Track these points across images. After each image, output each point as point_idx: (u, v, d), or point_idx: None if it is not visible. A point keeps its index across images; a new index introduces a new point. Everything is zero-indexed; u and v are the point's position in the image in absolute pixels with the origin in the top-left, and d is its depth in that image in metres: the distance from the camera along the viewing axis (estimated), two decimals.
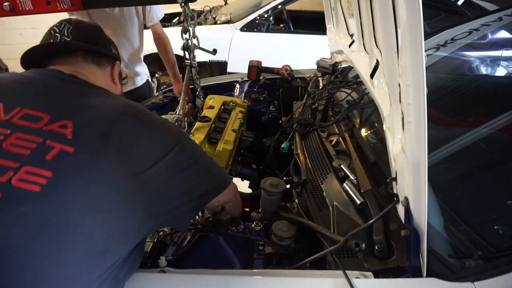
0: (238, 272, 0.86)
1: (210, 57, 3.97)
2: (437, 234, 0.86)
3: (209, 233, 0.98)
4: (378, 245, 0.83)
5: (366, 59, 1.36)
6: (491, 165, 1.15)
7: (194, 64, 1.75)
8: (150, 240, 0.96)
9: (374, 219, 0.86)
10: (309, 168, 1.26)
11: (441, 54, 1.71)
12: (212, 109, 1.67)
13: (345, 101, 1.62)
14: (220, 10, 4.86)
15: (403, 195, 0.81)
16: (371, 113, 1.51)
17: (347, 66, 1.96)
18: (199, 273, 0.80)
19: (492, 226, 0.93)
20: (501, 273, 0.73)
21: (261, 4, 4.31)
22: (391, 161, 0.93)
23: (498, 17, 1.79)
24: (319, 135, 1.42)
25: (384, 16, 0.90)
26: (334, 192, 1.08)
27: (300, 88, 2.14)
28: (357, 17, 1.40)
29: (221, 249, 0.95)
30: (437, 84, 1.49)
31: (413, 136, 0.74)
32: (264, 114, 1.88)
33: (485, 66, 1.71)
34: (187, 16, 1.56)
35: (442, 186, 1.06)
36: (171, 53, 2.15)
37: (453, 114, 1.38)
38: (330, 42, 2.10)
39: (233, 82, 2.22)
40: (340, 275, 0.76)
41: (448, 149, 1.15)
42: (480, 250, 0.78)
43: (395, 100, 0.90)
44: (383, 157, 1.12)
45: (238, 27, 4.16)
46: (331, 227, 0.95)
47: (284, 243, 0.96)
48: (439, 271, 0.75)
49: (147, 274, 0.82)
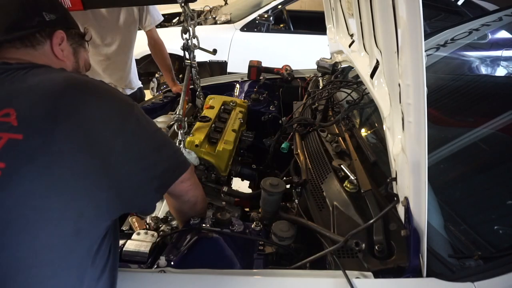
0: (238, 272, 0.86)
1: (210, 57, 3.97)
2: (437, 234, 0.86)
3: (209, 233, 0.98)
4: (378, 245, 0.83)
5: (366, 59, 1.36)
6: (491, 165, 1.15)
7: (194, 64, 1.75)
8: (150, 240, 0.97)
9: (374, 219, 0.86)
10: (309, 168, 1.26)
11: (441, 54, 1.71)
12: (212, 109, 1.67)
13: (345, 101, 1.63)
14: (220, 10, 4.86)
15: (403, 195, 0.81)
16: (371, 113, 1.51)
17: (347, 66, 1.96)
18: (199, 273, 0.80)
19: (492, 226, 0.93)
20: (501, 273, 0.73)
21: (261, 4, 4.31)
22: (391, 161, 0.93)
23: (498, 17, 1.79)
24: (319, 135, 1.42)
25: (384, 16, 0.90)
26: (334, 192, 1.08)
27: (300, 88, 2.14)
28: (357, 17, 1.40)
29: (221, 249, 0.95)
30: (437, 84, 1.49)
31: (413, 136, 0.74)
32: (264, 114, 1.88)
33: (485, 66, 1.71)
34: (187, 16, 1.56)
35: (442, 186, 1.06)
36: (167, 58, 2.15)
37: (453, 114, 1.38)
38: (330, 42, 2.10)
39: (233, 82, 2.22)
40: (340, 275, 0.76)
41: (448, 149, 1.15)
42: (480, 250, 0.78)
43: (395, 100, 0.90)
44: (383, 157, 1.12)
45: (238, 27, 4.16)
46: (331, 227, 0.95)
47: (284, 243, 0.96)
48: (439, 271, 0.75)
49: (147, 274, 0.82)
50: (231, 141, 1.50)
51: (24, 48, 0.83)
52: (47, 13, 0.87)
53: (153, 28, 2.10)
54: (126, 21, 1.98)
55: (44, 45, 0.86)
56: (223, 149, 1.44)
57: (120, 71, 2.12)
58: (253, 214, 1.13)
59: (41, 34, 0.85)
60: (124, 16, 1.96)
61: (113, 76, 2.10)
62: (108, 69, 2.07)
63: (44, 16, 0.86)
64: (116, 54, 2.03)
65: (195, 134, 1.44)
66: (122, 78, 2.14)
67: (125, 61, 2.11)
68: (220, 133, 1.54)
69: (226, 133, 1.55)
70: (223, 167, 1.44)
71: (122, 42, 2.02)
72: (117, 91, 0.82)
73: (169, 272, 0.81)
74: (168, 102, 2.02)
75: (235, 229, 1.03)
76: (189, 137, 1.40)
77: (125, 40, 2.03)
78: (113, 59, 2.04)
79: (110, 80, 2.09)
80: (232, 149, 1.50)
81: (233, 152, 1.54)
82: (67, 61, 0.92)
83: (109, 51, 2.00)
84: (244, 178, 1.73)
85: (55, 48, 0.88)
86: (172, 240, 1.00)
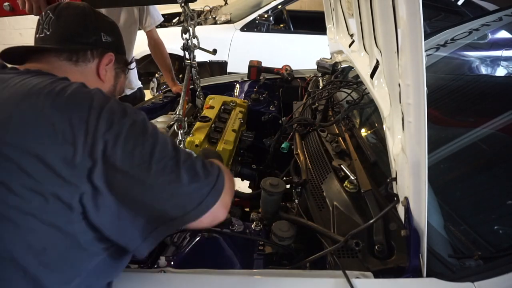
0: (238, 272, 0.86)
1: (210, 57, 3.97)
2: (437, 234, 0.86)
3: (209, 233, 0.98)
4: (378, 245, 0.83)
5: (366, 59, 1.36)
6: (491, 165, 1.15)
7: (194, 64, 1.75)
8: None
9: (374, 219, 0.86)
10: (309, 168, 1.26)
11: (441, 54, 1.71)
12: (212, 109, 1.67)
13: (345, 101, 1.63)
14: (220, 10, 4.86)
15: (403, 195, 0.81)
16: (371, 113, 1.51)
17: (347, 66, 1.96)
18: (199, 273, 0.80)
19: (492, 226, 0.93)
20: (501, 273, 0.73)
21: (261, 4, 4.31)
22: (391, 161, 0.93)
23: (498, 17, 1.79)
24: (319, 135, 1.42)
25: (384, 16, 0.90)
26: (334, 192, 1.08)
27: (300, 88, 2.14)
28: (357, 17, 1.40)
29: (221, 249, 0.95)
30: (437, 84, 1.49)
31: (413, 136, 0.74)
32: (264, 114, 1.88)
33: (485, 66, 1.71)
34: (187, 16, 1.56)
35: (442, 186, 1.06)
36: (167, 58, 2.15)
37: (453, 114, 1.38)
38: (330, 42, 2.10)
39: (233, 82, 2.22)
40: (340, 275, 0.76)
41: (448, 149, 1.15)
42: (480, 250, 0.78)
43: (395, 100, 0.90)
44: (383, 157, 1.12)
45: (238, 27, 4.16)
46: (331, 227, 0.95)
47: (284, 243, 0.96)
48: (439, 271, 0.75)
49: (147, 274, 0.82)
50: (231, 141, 1.51)
51: (66, 61, 0.85)
52: (105, 34, 0.91)
53: (153, 29, 2.09)
54: (126, 21, 1.97)
55: (90, 63, 0.89)
56: (223, 149, 1.44)
57: None
58: (253, 214, 1.13)
59: (92, 52, 0.89)
60: (125, 17, 1.96)
61: None
62: None
63: (101, 36, 0.90)
64: None
65: (195, 134, 1.44)
66: None
67: None
68: (220, 133, 1.54)
69: (226, 133, 1.55)
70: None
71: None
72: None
73: (169, 272, 0.81)
74: (168, 102, 2.02)
75: (235, 229, 1.02)
76: (189, 137, 1.40)
77: (125, 40, 2.02)
78: None
79: None
80: (232, 149, 1.50)
81: (233, 152, 1.54)
82: (106, 83, 0.93)
83: None
84: (244, 178, 1.73)
85: (101, 68, 0.90)
86: (172, 240, 1.00)
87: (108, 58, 0.92)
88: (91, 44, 0.89)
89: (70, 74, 0.79)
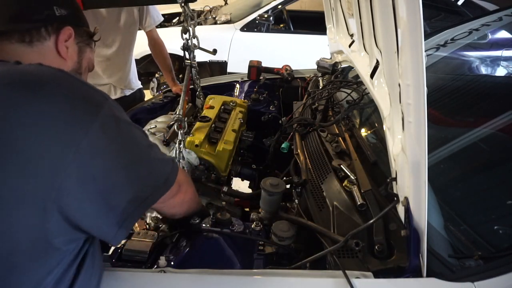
0: (238, 272, 0.86)
1: (210, 57, 3.97)
2: (437, 234, 0.86)
3: (209, 233, 0.98)
4: (378, 245, 0.83)
5: (366, 59, 1.36)
6: (491, 165, 1.15)
7: (194, 64, 1.75)
8: (150, 240, 0.96)
9: (374, 219, 0.86)
10: (309, 168, 1.26)
11: (441, 54, 1.71)
12: (212, 109, 1.67)
13: (345, 101, 1.63)
14: (220, 10, 4.86)
15: (403, 195, 0.81)
16: (371, 113, 1.51)
17: (347, 66, 1.96)
18: (199, 273, 0.80)
19: (492, 226, 0.93)
20: (501, 273, 0.73)
21: (261, 4, 4.31)
22: (391, 161, 0.93)
23: (498, 17, 1.79)
24: (319, 135, 1.42)
25: (384, 16, 0.90)
26: (334, 192, 1.08)
27: (300, 88, 2.14)
28: (357, 17, 1.40)
29: (221, 249, 0.95)
30: (437, 84, 1.49)
31: (413, 136, 0.74)
32: (264, 114, 1.88)
33: (485, 66, 1.71)
34: (187, 16, 1.56)
35: (442, 186, 1.06)
36: (168, 58, 2.15)
37: (453, 114, 1.38)
38: (330, 42, 2.10)
39: (233, 82, 2.22)
40: (340, 275, 0.76)
41: (448, 149, 1.15)
42: (480, 250, 0.78)
43: (395, 100, 0.90)
44: (383, 157, 1.12)
45: (238, 27, 4.16)
46: (331, 227, 0.95)
47: (284, 243, 0.96)
48: (439, 271, 0.75)
49: (147, 274, 0.82)
50: (231, 141, 1.51)
51: (19, 43, 0.75)
52: (58, 7, 0.80)
53: (153, 29, 2.10)
54: (126, 22, 1.98)
55: (46, 41, 0.79)
56: (223, 149, 1.44)
57: (120, 71, 2.11)
58: (253, 214, 1.13)
59: (47, 29, 0.78)
60: (125, 17, 1.96)
61: (113, 76, 2.10)
62: (107, 70, 2.07)
63: (54, 10, 0.80)
64: (116, 55, 2.03)
65: (195, 134, 1.44)
66: (122, 79, 2.14)
67: (125, 61, 2.11)
68: (220, 133, 1.54)
69: (226, 133, 1.55)
70: (223, 167, 1.44)
71: (123, 43, 2.02)
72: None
73: (169, 272, 0.81)
74: (168, 102, 2.02)
75: (235, 229, 1.02)
76: (189, 137, 1.40)
77: (125, 41, 2.03)
78: (113, 60, 2.04)
79: (110, 81, 2.09)
80: (232, 149, 1.50)
81: (233, 152, 1.54)
82: (68, 60, 0.84)
83: (109, 52, 2.00)
84: (244, 178, 1.73)
85: (60, 45, 0.81)
86: (172, 240, 1.00)
87: (66, 33, 0.82)
88: (44, 20, 0.78)
89: (25, 57, 0.74)
